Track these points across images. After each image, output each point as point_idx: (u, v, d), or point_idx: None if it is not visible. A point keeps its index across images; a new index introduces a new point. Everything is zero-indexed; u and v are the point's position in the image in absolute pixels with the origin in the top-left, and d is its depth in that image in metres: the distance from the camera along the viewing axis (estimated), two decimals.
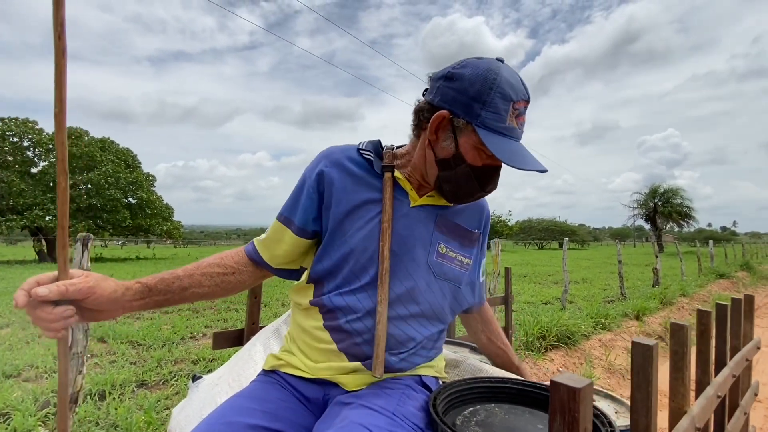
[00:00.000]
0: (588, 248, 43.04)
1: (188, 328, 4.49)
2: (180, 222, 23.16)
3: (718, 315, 1.14)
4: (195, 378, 1.07)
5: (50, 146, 17.68)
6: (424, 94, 0.84)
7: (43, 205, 16.46)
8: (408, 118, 0.87)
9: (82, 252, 2.17)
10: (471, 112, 0.75)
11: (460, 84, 0.76)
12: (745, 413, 1.24)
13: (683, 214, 27.67)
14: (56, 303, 0.66)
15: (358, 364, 0.82)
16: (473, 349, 1.34)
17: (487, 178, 0.81)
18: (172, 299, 0.80)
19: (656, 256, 8.47)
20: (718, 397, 0.91)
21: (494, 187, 0.83)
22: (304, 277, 0.91)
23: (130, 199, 19.62)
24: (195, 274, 0.82)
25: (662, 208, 27.63)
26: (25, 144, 17.58)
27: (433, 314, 0.87)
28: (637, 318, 5.35)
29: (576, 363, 3.90)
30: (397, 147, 0.91)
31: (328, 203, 0.84)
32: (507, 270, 2.55)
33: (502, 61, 0.79)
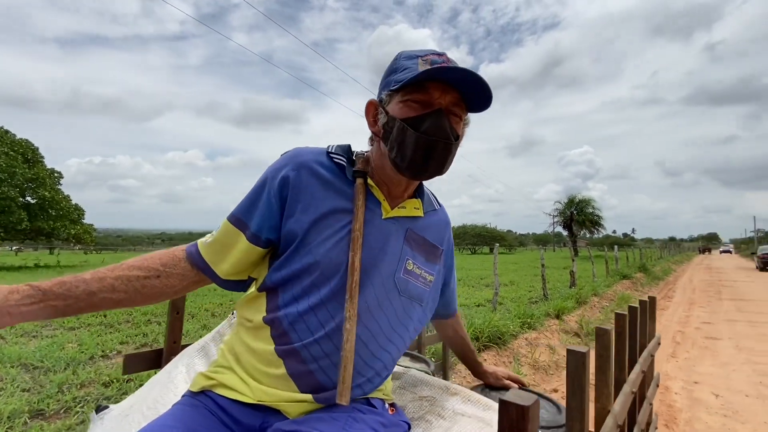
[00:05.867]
0: (515, 253, 46.24)
1: (99, 346, 3.99)
2: (92, 225, 21.06)
3: (630, 317, 1.25)
4: (99, 408, 0.93)
5: None
6: None
7: None
8: (352, 123, 0.85)
9: None
10: (388, 84, 0.79)
11: (382, 76, 0.82)
12: (650, 404, 1.38)
13: (594, 222, 30.89)
14: None
15: (308, 396, 0.74)
16: (414, 358, 1.34)
17: (424, 125, 0.74)
18: (76, 306, 0.69)
19: (572, 260, 9.33)
20: (633, 393, 0.99)
21: (438, 130, 0.74)
22: (253, 286, 0.82)
23: (28, 198, 17.24)
24: (107, 278, 0.71)
25: (577, 217, 30.60)
26: None
27: (394, 333, 0.81)
28: (558, 317, 5.82)
29: (506, 362, 4.12)
30: (366, 152, 0.86)
31: (292, 211, 0.77)
32: None
33: None
